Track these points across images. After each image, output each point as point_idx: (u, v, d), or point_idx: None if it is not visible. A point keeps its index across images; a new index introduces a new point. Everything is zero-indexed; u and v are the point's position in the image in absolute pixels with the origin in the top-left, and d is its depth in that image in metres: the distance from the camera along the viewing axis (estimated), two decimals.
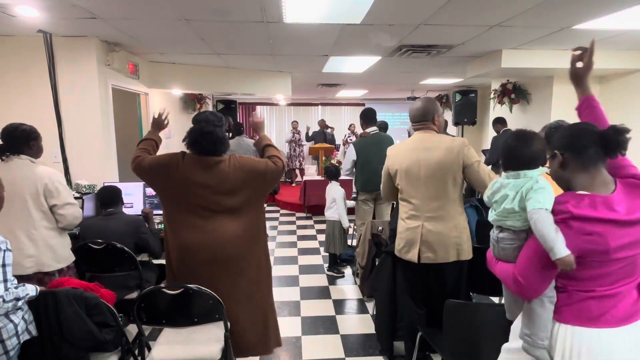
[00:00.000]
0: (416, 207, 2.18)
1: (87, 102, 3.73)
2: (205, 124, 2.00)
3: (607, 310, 1.18)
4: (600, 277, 1.19)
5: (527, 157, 1.31)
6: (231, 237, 2.00)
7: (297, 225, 6.37)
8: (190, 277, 1.97)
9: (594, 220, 1.15)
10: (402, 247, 2.25)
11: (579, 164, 1.23)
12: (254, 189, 2.05)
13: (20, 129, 2.28)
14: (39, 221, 2.25)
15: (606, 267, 1.18)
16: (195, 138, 1.98)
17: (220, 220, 1.99)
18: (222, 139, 2.02)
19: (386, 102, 11.46)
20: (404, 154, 2.22)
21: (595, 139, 1.20)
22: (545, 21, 3.23)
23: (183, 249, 1.99)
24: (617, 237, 1.15)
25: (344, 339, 2.96)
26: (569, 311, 1.21)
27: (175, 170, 1.97)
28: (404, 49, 4.22)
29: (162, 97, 5.99)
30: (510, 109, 5.64)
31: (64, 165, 3.72)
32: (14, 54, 3.60)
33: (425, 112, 2.23)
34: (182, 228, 1.99)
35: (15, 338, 1.67)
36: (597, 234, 1.14)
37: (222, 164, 1.99)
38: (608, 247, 1.15)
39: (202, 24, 3.32)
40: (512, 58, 4.30)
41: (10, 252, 1.65)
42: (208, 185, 1.96)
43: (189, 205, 1.98)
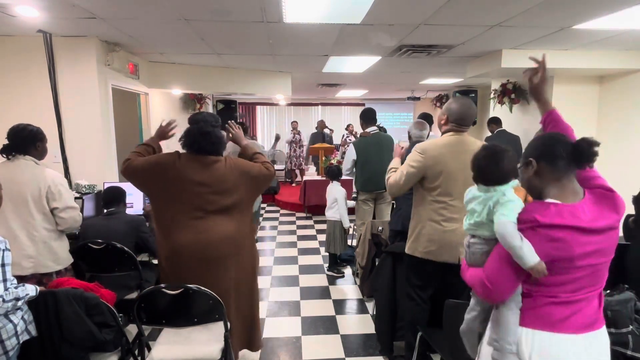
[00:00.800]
0: (456, 209, 2.14)
1: (87, 102, 3.73)
2: (204, 124, 2.01)
3: (568, 316, 1.21)
4: (564, 283, 1.21)
5: (496, 176, 1.34)
6: (224, 237, 2.01)
7: (297, 225, 6.37)
8: (183, 277, 1.97)
9: (559, 227, 1.17)
10: (433, 249, 2.18)
11: (552, 174, 1.24)
12: (246, 191, 2.08)
13: (28, 129, 2.29)
14: (40, 223, 2.25)
15: (570, 273, 1.20)
16: (194, 138, 1.99)
17: (213, 221, 2.00)
18: (220, 138, 2.04)
19: (386, 102, 11.46)
20: (447, 156, 2.14)
21: (568, 149, 1.22)
22: (545, 21, 3.23)
23: (175, 250, 1.99)
24: (581, 244, 1.17)
25: (344, 339, 2.96)
26: (531, 315, 1.24)
27: (172, 169, 1.97)
28: (404, 49, 4.22)
29: (162, 97, 5.99)
30: (510, 109, 5.63)
31: (64, 165, 3.71)
32: (14, 54, 3.60)
33: (472, 117, 2.22)
34: (175, 229, 1.98)
35: (15, 338, 1.67)
36: (562, 240, 1.16)
37: (219, 164, 2.01)
38: (572, 253, 1.17)
39: (202, 24, 3.31)
40: (512, 58, 4.30)
41: (10, 252, 1.65)
42: (205, 183, 1.97)
43: (183, 205, 1.98)
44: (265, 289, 3.87)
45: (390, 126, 11.49)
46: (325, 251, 4.28)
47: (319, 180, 6.83)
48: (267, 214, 7.12)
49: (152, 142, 2.23)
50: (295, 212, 7.24)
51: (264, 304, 3.55)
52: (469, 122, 2.22)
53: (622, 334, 1.78)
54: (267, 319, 3.28)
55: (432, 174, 2.17)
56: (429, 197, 2.20)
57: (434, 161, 2.15)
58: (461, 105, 2.19)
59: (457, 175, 2.13)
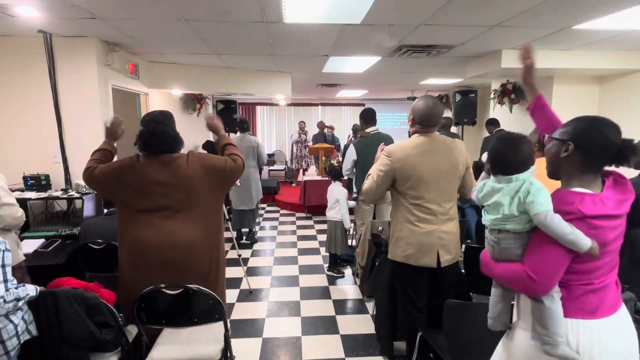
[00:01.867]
0: (432, 210, 2.13)
1: (87, 102, 3.73)
2: (155, 125, 1.97)
3: (602, 301, 1.24)
4: (595, 269, 1.24)
5: (517, 163, 1.30)
6: (189, 237, 1.97)
7: (297, 225, 6.37)
8: (143, 273, 1.94)
9: (598, 217, 1.19)
10: (411, 252, 2.16)
11: (588, 165, 1.25)
12: (213, 185, 2.03)
13: None
14: None
15: (602, 259, 1.23)
16: (147, 140, 1.95)
17: (179, 219, 1.96)
18: (175, 136, 2.00)
19: (386, 102, 11.47)
20: (415, 158, 2.12)
21: (613, 153, 1.22)
22: (545, 21, 3.23)
23: (139, 246, 1.95)
24: (612, 229, 1.21)
25: (344, 339, 2.96)
26: (572, 306, 1.24)
27: (132, 173, 1.94)
28: (404, 49, 4.22)
29: (162, 97, 5.99)
30: (510, 109, 5.64)
31: (64, 165, 3.71)
32: (14, 54, 3.60)
33: (439, 117, 2.19)
34: (140, 226, 1.95)
35: (16, 338, 1.66)
36: (600, 228, 1.18)
37: (179, 160, 1.98)
38: (607, 239, 1.20)
39: (202, 24, 3.32)
40: (512, 58, 4.30)
41: (10, 252, 1.65)
42: (169, 182, 1.94)
43: (150, 206, 1.95)
44: (265, 289, 3.87)
45: (390, 126, 11.51)
46: (326, 251, 4.28)
47: (319, 180, 6.83)
48: (267, 214, 7.12)
49: (107, 145, 2.18)
50: (295, 212, 7.24)
51: (264, 304, 3.55)
52: (435, 122, 2.18)
53: None
54: (267, 319, 3.28)
55: (401, 177, 2.14)
56: (403, 199, 2.18)
57: (401, 164, 2.12)
58: (425, 106, 2.15)
59: (427, 177, 2.11)
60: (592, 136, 1.23)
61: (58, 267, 2.54)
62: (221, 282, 2.19)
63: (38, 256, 2.73)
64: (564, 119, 1.48)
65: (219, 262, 2.14)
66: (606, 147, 1.22)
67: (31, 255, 2.69)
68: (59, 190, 3.61)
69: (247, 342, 2.92)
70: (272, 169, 10.37)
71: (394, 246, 2.24)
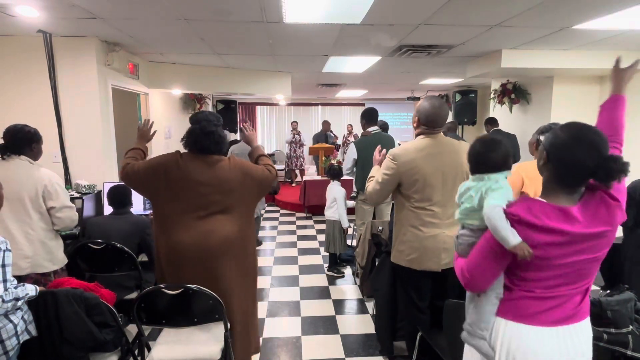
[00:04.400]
0: (436, 214, 2.10)
1: (87, 102, 3.73)
2: (206, 123, 2.00)
3: (543, 311, 1.22)
4: (539, 279, 1.22)
5: (492, 162, 1.36)
6: (226, 238, 2.00)
7: (297, 225, 6.37)
8: (182, 277, 1.96)
9: (539, 228, 1.16)
10: (415, 256, 2.14)
11: (559, 178, 1.20)
12: (249, 192, 2.07)
13: (25, 130, 2.30)
14: (37, 222, 2.25)
15: (545, 271, 1.21)
16: (197, 137, 1.98)
17: (216, 221, 1.99)
18: (223, 138, 2.04)
19: (386, 102, 11.47)
20: (421, 162, 2.08)
21: (584, 173, 1.15)
22: (545, 21, 3.23)
23: (177, 249, 1.97)
24: (561, 247, 1.17)
25: (344, 339, 2.96)
26: (507, 306, 1.27)
27: (175, 169, 1.96)
28: (404, 49, 4.22)
29: (162, 97, 5.99)
30: (510, 109, 5.64)
31: (64, 165, 3.71)
32: (14, 54, 3.60)
33: (445, 117, 2.16)
34: (177, 228, 1.97)
35: (15, 338, 1.67)
36: (539, 242, 1.16)
37: (223, 163, 2.01)
38: (549, 254, 1.17)
39: (202, 24, 3.31)
40: (512, 58, 4.30)
41: (10, 252, 1.65)
42: (209, 183, 1.96)
43: (186, 205, 1.97)
44: (265, 289, 3.87)
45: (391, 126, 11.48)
46: (325, 251, 4.28)
47: (319, 180, 6.83)
48: (267, 214, 7.11)
49: (140, 145, 2.21)
50: (295, 212, 7.24)
51: (264, 304, 3.55)
52: (441, 123, 2.14)
53: (622, 334, 1.78)
54: (267, 319, 3.28)
55: (407, 181, 2.11)
56: (407, 203, 2.15)
57: (406, 167, 2.08)
58: (431, 107, 2.11)
59: (433, 180, 2.08)
60: (562, 153, 1.17)
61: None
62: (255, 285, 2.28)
63: None
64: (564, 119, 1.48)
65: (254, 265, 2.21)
66: (577, 168, 1.15)
67: None
68: None
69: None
70: None
71: (398, 250, 2.22)
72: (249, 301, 2.21)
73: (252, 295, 2.26)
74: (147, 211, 3.56)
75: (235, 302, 2.08)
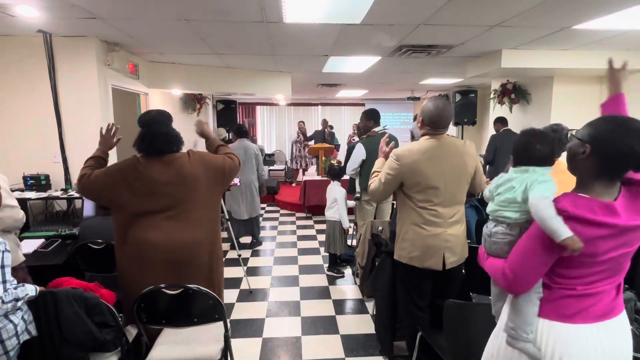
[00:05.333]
0: (439, 213, 2.10)
1: (87, 102, 3.72)
2: (156, 126, 1.95)
3: (585, 308, 1.21)
4: (582, 276, 1.21)
5: (540, 154, 1.34)
6: (197, 238, 1.99)
7: (297, 225, 6.37)
8: (145, 275, 1.95)
9: (588, 222, 1.14)
10: (417, 254, 2.15)
11: (603, 171, 1.17)
12: (214, 183, 2.05)
13: None
14: None
15: (590, 267, 1.20)
16: (149, 142, 1.94)
17: (185, 221, 1.97)
18: (176, 136, 2.00)
19: (386, 102, 11.47)
20: (424, 164, 2.07)
21: (634, 162, 1.14)
22: (545, 21, 3.23)
23: (144, 249, 1.94)
24: (607, 241, 1.16)
25: (344, 339, 2.96)
26: (549, 307, 1.25)
27: (134, 174, 1.92)
28: (404, 49, 4.22)
29: (162, 97, 5.99)
30: (510, 109, 5.64)
31: (64, 165, 3.71)
32: (14, 54, 3.59)
33: (449, 118, 2.14)
34: (145, 230, 1.94)
35: (15, 338, 1.66)
36: (588, 236, 1.14)
37: (182, 159, 1.98)
38: (597, 250, 1.16)
39: (202, 24, 3.31)
40: (512, 58, 4.30)
41: (9, 253, 1.65)
42: (173, 181, 1.94)
43: (154, 207, 1.94)
44: (265, 289, 3.86)
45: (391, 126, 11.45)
46: (325, 251, 4.28)
47: (319, 180, 6.83)
48: (267, 214, 7.11)
49: (100, 153, 2.16)
50: (295, 212, 7.24)
51: (264, 304, 3.55)
52: (446, 124, 2.13)
53: None
54: (267, 319, 3.28)
55: (409, 182, 2.11)
56: (410, 202, 2.16)
57: (409, 169, 2.08)
58: (435, 108, 2.09)
59: (436, 183, 2.07)
60: (612, 142, 1.14)
61: (58, 267, 2.53)
62: (217, 277, 2.20)
63: (38, 256, 2.72)
64: (564, 119, 1.48)
65: (217, 257, 2.17)
66: (626, 156, 1.13)
67: (31, 255, 2.69)
68: (58, 190, 3.61)
69: (247, 342, 2.91)
70: (271, 168, 10.38)
71: (400, 247, 2.22)
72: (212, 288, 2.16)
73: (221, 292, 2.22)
74: None
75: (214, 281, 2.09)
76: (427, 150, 2.10)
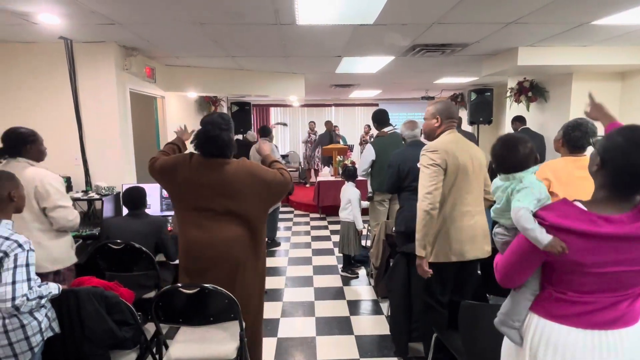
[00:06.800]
0: (469, 201, 2.19)
1: (106, 106, 3.82)
2: (211, 127, 1.98)
3: (578, 313, 1.20)
4: (574, 284, 1.20)
5: (513, 163, 1.40)
6: (231, 240, 2.00)
7: (311, 226, 6.39)
8: (193, 274, 2.01)
9: (568, 231, 1.13)
10: (457, 248, 2.15)
11: (613, 186, 1.14)
12: (258, 197, 2.03)
13: (18, 132, 2.30)
14: (31, 223, 2.24)
15: (584, 277, 1.18)
16: (201, 141, 1.99)
17: (221, 222, 1.99)
18: (227, 142, 2.00)
19: (400, 102, 11.39)
20: (457, 150, 2.16)
21: None
22: (562, 17, 3.16)
23: (188, 246, 2.02)
24: (597, 254, 1.13)
25: (358, 339, 2.95)
26: (540, 304, 1.29)
27: (183, 171, 1.99)
28: (417, 49, 4.19)
29: (177, 99, 6.09)
30: (528, 107, 5.53)
31: (84, 167, 3.81)
32: (38, 61, 3.72)
33: (457, 111, 2.34)
34: (189, 226, 2.02)
35: (39, 335, 1.72)
36: (573, 247, 1.13)
37: (228, 166, 2.00)
38: (583, 261, 1.14)
39: (216, 27, 3.36)
40: (528, 55, 4.22)
41: (34, 252, 1.71)
42: (212, 186, 1.97)
43: (196, 205, 2.00)
44: (280, 290, 3.89)
45: None
46: (339, 252, 4.28)
47: (333, 181, 6.83)
48: (281, 215, 7.14)
49: (178, 140, 2.36)
50: (309, 212, 7.26)
51: (279, 304, 3.57)
52: (457, 115, 2.33)
53: None
54: (282, 319, 3.30)
55: (450, 171, 2.15)
56: (446, 196, 2.17)
57: (447, 155, 2.15)
58: (444, 103, 2.31)
59: (467, 168, 2.17)
60: (618, 158, 1.11)
61: (79, 266, 2.60)
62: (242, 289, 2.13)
63: None
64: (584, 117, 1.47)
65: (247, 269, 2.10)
66: (632, 173, 1.09)
67: None
68: (79, 191, 3.71)
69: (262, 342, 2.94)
70: None
71: (437, 248, 2.18)
72: (257, 305, 2.20)
73: (259, 299, 2.23)
74: (164, 212, 3.62)
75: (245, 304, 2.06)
76: (452, 141, 2.22)
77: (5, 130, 2.29)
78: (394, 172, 2.97)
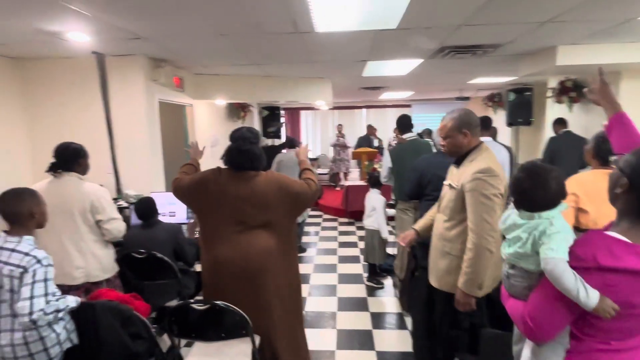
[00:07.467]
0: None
1: (136, 117, 3.95)
2: (242, 141, 2.05)
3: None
4: (620, 330, 1.04)
5: (543, 201, 1.16)
6: (262, 252, 2.02)
7: (339, 231, 6.32)
8: (221, 290, 2.02)
9: (621, 271, 0.98)
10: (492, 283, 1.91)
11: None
12: (286, 207, 2.07)
13: (72, 147, 2.44)
14: (87, 234, 2.39)
15: (625, 320, 1.02)
16: (233, 156, 2.04)
17: (253, 234, 2.02)
18: (258, 156, 2.07)
19: (434, 102, 11.06)
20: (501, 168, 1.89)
21: None
22: (603, 15, 2.90)
23: (216, 262, 2.04)
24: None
25: (379, 356, 2.85)
26: (577, 358, 1.09)
27: (213, 184, 2.04)
28: (446, 51, 4.02)
29: (206, 107, 6.21)
30: (570, 108, 5.16)
31: (115, 176, 3.96)
32: (72, 75, 3.91)
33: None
34: (216, 242, 2.04)
35: (58, 346, 1.78)
36: (619, 286, 0.98)
37: (258, 178, 2.05)
38: (631, 300, 1.00)
39: (237, 37, 3.38)
40: (569, 54, 3.92)
41: (52, 267, 1.77)
42: (243, 197, 2.01)
43: (224, 219, 2.02)
44: (304, 298, 3.85)
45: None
46: (364, 261, 4.18)
47: (361, 186, 6.71)
48: (310, 219, 7.11)
49: (192, 161, 2.42)
50: (338, 217, 7.19)
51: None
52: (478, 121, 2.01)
53: None
54: None
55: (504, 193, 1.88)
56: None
57: (502, 177, 1.86)
58: (465, 111, 1.97)
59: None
60: None
61: None
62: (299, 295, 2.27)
63: None
64: (634, 119, 1.30)
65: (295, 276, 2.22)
66: None
67: None
68: None
69: None
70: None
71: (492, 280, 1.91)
72: (292, 315, 2.21)
73: (297, 308, 2.26)
74: (188, 219, 3.68)
75: (277, 316, 2.09)
76: (493, 156, 1.93)
77: (58, 145, 2.42)
78: (416, 177, 2.86)
